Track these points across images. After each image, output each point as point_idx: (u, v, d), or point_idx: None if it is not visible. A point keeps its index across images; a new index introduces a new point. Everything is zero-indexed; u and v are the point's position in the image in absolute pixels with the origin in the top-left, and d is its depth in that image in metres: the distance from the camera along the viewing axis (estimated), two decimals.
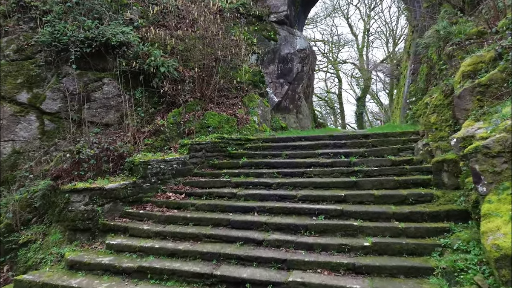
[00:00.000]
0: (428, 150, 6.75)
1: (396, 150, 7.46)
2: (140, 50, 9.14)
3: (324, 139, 8.67)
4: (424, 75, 10.26)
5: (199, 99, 9.49)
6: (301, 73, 13.50)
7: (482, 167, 3.95)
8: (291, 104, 13.30)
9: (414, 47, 11.86)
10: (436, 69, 8.99)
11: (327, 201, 6.08)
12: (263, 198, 6.50)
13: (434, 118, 6.66)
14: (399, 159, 7.00)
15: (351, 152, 7.65)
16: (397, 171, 6.64)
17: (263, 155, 8.25)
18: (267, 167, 7.74)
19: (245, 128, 9.56)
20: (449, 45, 7.53)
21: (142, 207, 6.81)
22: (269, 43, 12.66)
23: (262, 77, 11.42)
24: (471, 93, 5.54)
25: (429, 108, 6.88)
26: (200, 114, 9.16)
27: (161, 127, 8.53)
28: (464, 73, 5.91)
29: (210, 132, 8.98)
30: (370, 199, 5.92)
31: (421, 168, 6.55)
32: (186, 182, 7.50)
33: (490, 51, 5.69)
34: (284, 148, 8.47)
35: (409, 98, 11.12)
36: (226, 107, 9.91)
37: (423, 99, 9.67)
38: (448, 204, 5.42)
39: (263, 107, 10.78)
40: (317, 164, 7.37)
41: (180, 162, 7.63)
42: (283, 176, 7.24)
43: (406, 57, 15.55)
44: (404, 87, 14.04)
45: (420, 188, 6.08)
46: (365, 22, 33.94)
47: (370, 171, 6.76)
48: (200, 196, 6.98)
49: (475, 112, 5.37)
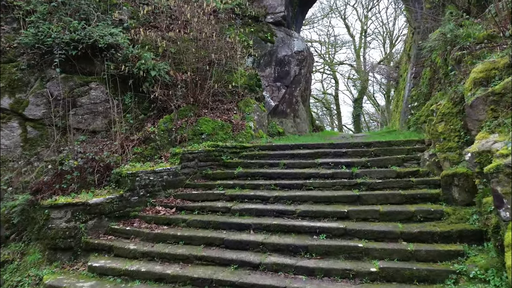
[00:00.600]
0: (435, 161, 6.33)
1: (400, 160, 7.03)
2: (130, 53, 8.65)
3: (323, 147, 8.22)
4: (427, 79, 9.86)
5: (192, 104, 9.01)
6: (298, 76, 13.06)
7: (505, 189, 3.51)
8: (288, 108, 12.85)
9: (416, 49, 11.45)
10: (441, 73, 8.58)
11: (329, 218, 5.64)
12: (259, 214, 6.05)
13: (441, 127, 6.24)
14: (404, 171, 6.58)
15: (352, 162, 7.21)
16: (402, 184, 6.22)
17: (260, 164, 7.79)
18: (263, 178, 7.29)
19: (240, 135, 9.11)
20: (457, 49, 7.11)
21: (129, 223, 6.33)
22: (265, 45, 12.20)
23: (258, 80, 10.97)
24: (484, 102, 5.12)
25: (436, 116, 6.46)
26: (193, 120, 8.68)
27: (151, 135, 8.05)
28: (476, 80, 5.49)
29: (204, 139, 8.51)
30: (375, 216, 5.49)
31: (428, 181, 6.14)
32: (177, 194, 7.02)
33: (504, 57, 5.28)
34: (281, 156, 8.02)
35: (410, 102, 10.72)
36: (221, 113, 9.45)
37: (427, 104, 9.26)
38: (460, 222, 5.01)
39: (259, 112, 10.33)
40: (317, 175, 6.93)
41: (171, 173, 7.16)
42: (281, 188, 6.78)
43: (406, 59, 15.15)
44: (405, 90, 13.64)
45: (428, 203, 5.67)
46: (362, 23, 33.60)
47: (373, 184, 6.33)
48: (192, 211, 6.51)
49: (489, 123, 4.95)
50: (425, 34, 11.02)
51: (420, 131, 8.98)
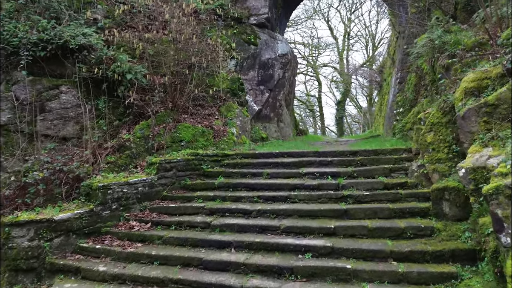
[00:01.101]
0: (424, 173, 6.10)
1: (387, 170, 6.79)
2: (104, 55, 8.12)
3: (308, 156, 7.92)
4: (412, 85, 9.70)
5: (171, 109, 8.55)
6: (282, 80, 12.74)
7: (506, 212, 3.25)
8: (272, 112, 12.52)
9: (401, 54, 11.32)
10: (427, 80, 8.42)
11: (315, 234, 5.32)
12: (241, 230, 5.67)
13: (431, 137, 6.01)
14: (392, 182, 6.32)
15: (338, 172, 6.92)
16: (390, 196, 5.96)
17: (242, 174, 7.41)
18: (246, 189, 6.91)
19: (222, 141, 8.71)
20: (445, 56, 6.93)
21: (99, 240, 5.84)
22: (249, 47, 11.83)
23: (241, 84, 10.59)
24: (477, 113, 4.90)
25: (424, 125, 6.24)
26: (172, 126, 8.23)
27: (126, 142, 7.55)
28: (467, 89, 5.27)
29: (183, 146, 8.07)
30: (363, 232, 5.19)
31: (417, 193, 5.90)
32: (153, 207, 6.57)
33: (497, 66, 5.07)
34: (265, 165, 7.66)
35: (396, 108, 10.56)
36: (202, 118, 9.02)
37: (412, 111, 9.10)
38: (451, 240, 4.76)
39: (242, 117, 9.95)
40: (302, 186, 6.60)
41: (146, 184, 6.70)
42: (264, 200, 6.42)
43: (390, 63, 15.08)
44: (389, 95, 13.53)
45: (417, 218, 5.42)
46: (346, 25, 33.70)
47: (361, 196, 6.04)
48: (169, 226, 6.07)
49: (482, 136, 4.73)
50: (410, 39, 10.89)
51: (406, 138, 8.80)
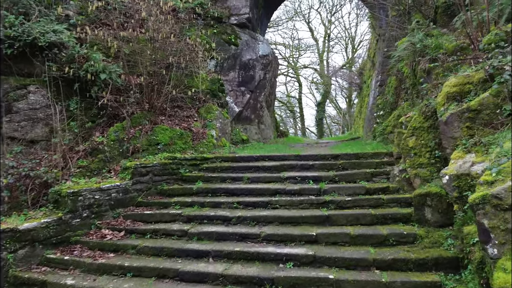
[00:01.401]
0: (405, 178, 6.04)
1: (369, 174, 6.71)
2: (76, 53, 7.71)
3: (290, 159, 7.76)
4: (392, 88, 9.71)
5: (148, 111, 8.22)
6: (263, 81, 12.57)
7: (492, 222, 3.16)
8: (253, 114, 12.33)
9: (381, 57, 11.35)
10: (408, 83, 8.42)
11: (296, 242, 5.15)
12: (220, 238, 5.43)
13: (412, 142, 5.95)
14: (374, 187, 6.24)
15: (320, 176, 6.79)
16: (372, 202, 5.87)
17: (222, 178, 7.17)
18: (226, 194, 6.69)
19: (201, 144, 8.44)
20: (426, 60, 6.91)
21: (68, 251, 5.48)
22: (229, 47, 11.59)
23: (221, 85, 10.35)
24: (459, 119, 4.85)
25: (406, 130, 6.18)
26: (149, 128, 7.90)
27: (99, 145, 7.18)
28: (449, 94, 5.22)
29: (160, 150, 7.76)
30: (345, 240, 5.06)
31: (399, 199, 5.83)
32: (127, 214, 6.25)
33: (479, 71, 5.04)
34: (245, 169, 7.45)
35: (376, 111, 10.56)
36: (180, 120, 8.73)
37: (393, 114, 9.09)
38: (434, 247, 4.69)
39: (222, 119, 9.71)
40: (283, 191, 6.43)
41: (120, 190, 6.37)
42: (245, 206, 6.21)
43: (370, 66, 15.17)
44: (369, 97, 13.57)
45: (400, 224, 5.34)
46: (326, 27, 33.91)
47: (343, 202, 5.92)
48: (144, 234, 5.78)
49: (465, 141, 4.67)
50: (390, 42, 10.92)
51: (387, 141, 8.78)
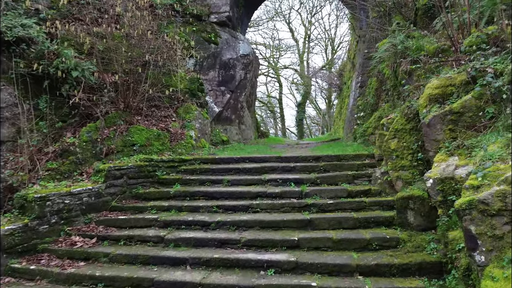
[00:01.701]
0: (387, 180, 5.98)
1: (351, 177, 6.63)
2: (46, 49, 7.27)
3: (271, 161, 7.59)
4: (373, 90, 9.71)
5: (123, 110, 7.87)
6: (244, 81, 12.36)
7: (479, 228, 3.08)
8: (233, 115, 12.10)
9: (362, 58, 11.36)
10: (389, 85, 8.41)
11: (278, 248, 4.98)
12: (198, 244, 5.20)
13: (394, 144, 5.89)
14: (356, 189, 6.15)
15: (301, 178, 6.66)
16: (355, 205, 5.77)
17: (201, 181, 6.92)
18: (205, 197, 6.45)
19: (179, 145, 8.15)
20: (408, 61, 6.88)
21: (35, 260, 5.11)
22: (209, 46, 11.32)
23: (201, 84, 10.07)
24: (442, 121, 4.79)
25: (388, 132, 6.12)
26: (124, 129, 7.56)
27: (70, 146, 6.79)
28: (431, 96, 5.18)
29: (136, 151, 7.43)
30: (328, 244, 4.93)
31: (381, 202, 5.76)
32: (100, 220, 5.91)
33: (461, 73, 5.01)
34: (225, 172, 7.23)
35: (357, 112, 10.55)
36: (157, 120, 8.41)
37: (374, 115, 9.08)
38: (417, 252, 4.62)
39: (201, 119, 9.44)
40: (265, 194, 6.25)
41: (93, 194, 6.03)
42: (224, 211, 5.99)
43: (350, 67, 15.22)
44: (349, 99, 13.60)
45: (382, 227, 5.26)
46: (306, 28, 34.02)
47: (325, 205, 5.80)
48: (117, 241, 5.47)
49: (448, 144, 4.62)
50: (371, 43, 10.94)
51: (368, 143, 8.76)
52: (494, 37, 5.29)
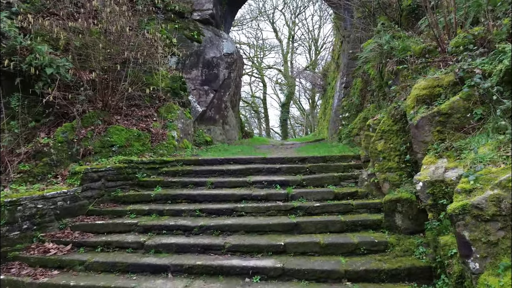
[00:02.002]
0: (374, 182, 5.89)
1: (337, 178, 6.51)
2: (18, 44, 6.87)
3: (256, 162, 7.42)
4: (358, 90, 9.66)
5: (101, 109, 7.53)
6: (228, 80, 12.14)
7: (473, 234, 2.97)
8: (217, 114, 11.86)
9: (346, 58, 11.31)
10: (374, 85, 8.36)
11: (264, 253, 4.79)
12: (180, 250, 4.96)
13: (381, 145, 5.80)
14: (342, 191, 6.04)
15: (287, 180, 6.50)
16: (341, 208, 5.64)
17: (183, 183, 6.67)
18: (187, 201, 6.20)
19: (161, 146, 7.87)
20: (394, 62, 6.83)
21: (5, 269, 4.76)
22: (192, 44, 11.04)
23: (183, 83, 9.80)
24: (430, 122, 4.72)
25: (375, 133, 6.03)
26: (102, 129, 7.22)
27: (44, 147, 6.43)
28: (419, 97, 5.10)
29: (115, 152, 7.12)
30: (315, 249, 4.78)
31: (368, 204, 5.66)
32: (76, 225, 5.59)
33: (449, 74, 4.95)
34: (209, 174, 7.00)
35: (341, 113, 10.49)
36: (138, 120, 8.10)
37: (359, 116, 9.02)
38: (406, 256, 4.52)
39: (184, 119, 9.17)
40: (250, 197, 6.06)
41: (68, 198, 5.70)
42: (208, 214, 5.77)
43: (335, 67, 15.20)
44: (333, 99, 13.56)
45: (370, 231, 5.15)
46: (290, 28, 34.04)
47: (311, 208, 5.65)
48: (94, 247, 5.17)
49: (436, 146, 4.54)
50: (355, 44, 10.90)
51: (353, 144, 8.69)
52: (481, 37, 5.26)
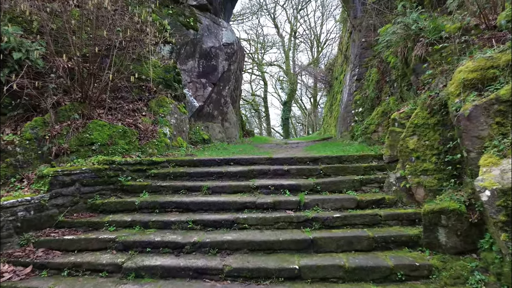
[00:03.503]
0: (405, 187, 4.85)
1: (357, 182, 5.49)
2: None
3: (260, 163, 6.39)
4: (373, 82, 8.61)
5: (80, 102, 6.48)
6: (227, 73, 11.09)
7: None
8: (216, 110, 10.81)
9: (358, 48, 10.27)
10: (394, 75, 7.31)
11: (273, 279, 3.76)
12: (167, 274, 3.92)
13: (413, 142, 4.77)
14: (366, 199, 5.00)
15: (298, 184, 5.47)
16: (367, 219, 4.61)
17: (174, 188, 5.63)
18: (178, 210, 5.16)
19: (150, 144, 6.83)
20: (423, 44, 5.79)
21: None
22: (187, 32, 9.98)
23: (177, 74, 8.75)
24: (487, 112, 3.67)
25: (405, 128, 4.99)
26: (80, 124, 6.18)
27: (8, 146, 5.38)
28: (466, 81, 4.07)
29: (96, 152, 6.08)
30: (338, 274, 3.75)
31: (399, 215, 4.61)
32: (40, 241, 4.54)
33: (506, 52, 3.91)
34: (205, 176, 5.97)
35: (354, 108, 9.45)
36: (124, 114, 7.06)
37: (376, 110, 7.98)
38: (457, 285, 3.50)
39: (178, 114, 8.13)
40: (254, 205, 5.02)
41: (32, 207, 4.65)
42: (202, 227, 4.72)
43: (342, 60, 14.15)
44: (342, 94, 12.51)
45: (405, 249, 4.13)
46: (292, 24, 33.01)
47: (330, 220, 4.61)
48: (60, 270, 4.13)
49: (497, 142, 3.50)
50: (368, 32, 9.88)
51: (370, 142, 7.65)
52: None
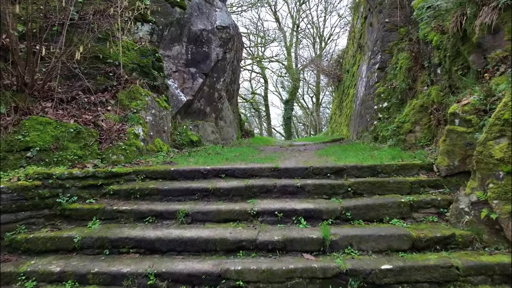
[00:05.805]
0: (488, 218, 3.11)
1: (406, 207, 3.74)
2: None
3: (262, 175, 4.62)
4: (403, 70, 6.86)
5: (16, 90, 4.73)
6: (222, 62, 9.34)
7: None
8: (208, 106, 9.05)
9: (380, 31, 8.50)
10: (438, 56, 5.56)
11: None
12: None
13: (500, 148, 3.04)
14: (426, 236, 3.27)
15: (319, 210, 3.72)
16: (437, 274, 2.87)
17: (138, 214, 3.87)
18: (138, 250, 3.40)
19: (115, 149, 5.07)
20: (490, 9, 4.04)
21: None
22: (172, 10, 8.19)
23: (158, 60, 7.00)
24: None
25: (487, 128, 3.25)
26: (11, 121, 4.43)
27: None
28: None
29: (32, 160, 4.33)
30: None
31: (488, 266, 2.87)
32: None
33: None
34: (184, 195, 4.22)
35: (376, 103, 7.71)
36: (81, 109, 5.30)
37: (412, 103, 6.24)
38: None
39: (156, 109, 6.38)
40: (253, 244, 3.27)
41: None
42: (172, 285, 2.97)
43: (355, 49, 12.39)
44: (357, 88, 10.75)
45: None
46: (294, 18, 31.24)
47: (375, 274, 2.87)
48: None
49: None
50: (392, 10, 8.14)
51: (405, 145, 5.90)
52: None
